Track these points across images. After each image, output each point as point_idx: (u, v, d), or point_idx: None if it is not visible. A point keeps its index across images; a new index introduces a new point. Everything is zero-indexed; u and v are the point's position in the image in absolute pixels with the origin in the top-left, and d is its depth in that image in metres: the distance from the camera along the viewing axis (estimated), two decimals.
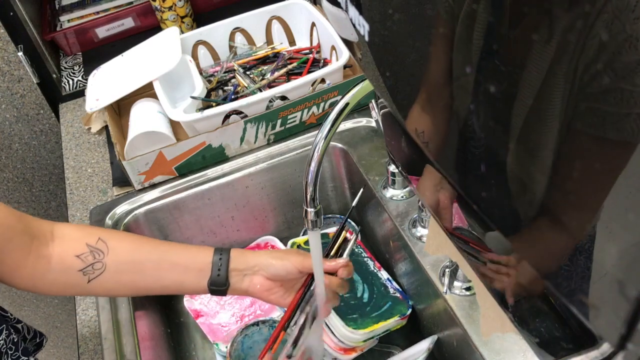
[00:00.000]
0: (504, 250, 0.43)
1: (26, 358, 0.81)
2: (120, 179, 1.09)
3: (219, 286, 0.75)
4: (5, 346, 0.77)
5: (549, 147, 0.30)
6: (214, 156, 1.07)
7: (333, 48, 1.12)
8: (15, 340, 0.81)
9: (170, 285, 0.76)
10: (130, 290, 0.78)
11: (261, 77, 1.15)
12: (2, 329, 0.78)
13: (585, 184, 0.29)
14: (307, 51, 1.20)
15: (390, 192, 0.96)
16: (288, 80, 1.13)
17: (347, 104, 0.69)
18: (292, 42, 1.25)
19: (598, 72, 0.26)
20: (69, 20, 1.43)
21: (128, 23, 1.42)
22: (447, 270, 0.82)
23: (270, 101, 1.04)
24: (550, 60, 0.28)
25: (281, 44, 1.25)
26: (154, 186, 1.06)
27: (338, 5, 0.47)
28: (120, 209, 1.04)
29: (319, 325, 0.80)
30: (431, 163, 0.45)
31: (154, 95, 1.09)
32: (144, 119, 1.09)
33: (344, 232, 0.84)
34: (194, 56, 1.21)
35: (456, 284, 0.81)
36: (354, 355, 0.91)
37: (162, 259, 0.75)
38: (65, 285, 0.72)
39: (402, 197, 0.95)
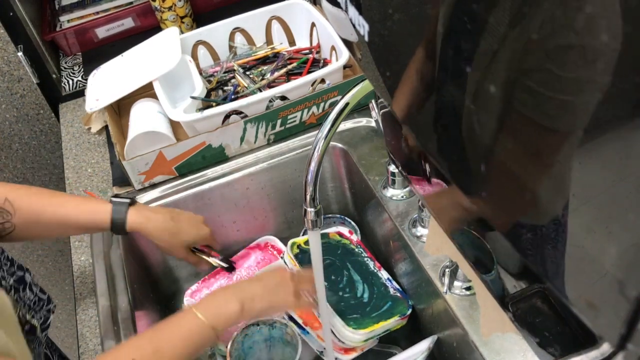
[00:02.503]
0: None
1: (22, 273, 0.83)
2: (120, 179, 1.09)
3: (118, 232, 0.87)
4: None
5: (492, 118, 0.32)
6: (214, 156, 1.07)
7: (333, 48, 1.12)
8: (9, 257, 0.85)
9: (75, 233, 0.92)
10: (40, 239, 0.93)
11: (261, 77, 1.15)
12: None
13: (517, 160, 0.31)
14: (307, 51, 1.20)
15: (390, 192, 0.96)
16: (288, 80, 1.13)
17: (347, 104, 0.69)
18: (292, 42, 1.25)
19: (533, 49, 0.27)
20: (68, 21, 1.43)
21: (128, 23, 1.42)
22: (447, 270, 0.82)
23: (270, 101, 1.04)
24: (499, 34, 0.29)
25: (281, 44, 1.25)
26: (154, 186, 1.06)
27: (338, 5, 0.47)
28: None
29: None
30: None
31: (154, 95, 1.09)
32: (144, 119, 1.09)
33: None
34: (194, 56, 1.21)
35: (456, 284, 0.81)
36: (354, 355, 0.91)
37: (66, 219, 0.82)
38: None
39: (402, 197, 0.95)
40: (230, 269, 1.05)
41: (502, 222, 0.37)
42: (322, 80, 1.08)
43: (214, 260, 1.00)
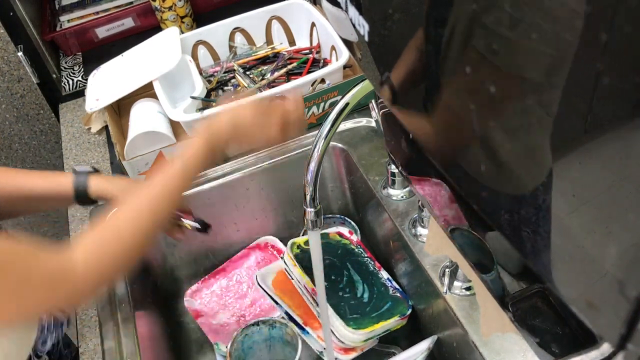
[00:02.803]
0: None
1: None
2: None
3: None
4: None
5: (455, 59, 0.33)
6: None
7: (333, 48, 1.12)
8: None
9: (45, 208, 0.91)
10: (11, 217, 0.90)
11: (261, 77, 1.15)
12: None
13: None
14: (307, 51, 1.20)
15: (390, 192, 0.96)
16: (288, 80, 1.13)
17: (347, 104, 0.69)
18: (292, 42, 1.25)
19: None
20: (69, 20, 1.43)
21: (128, 23, 1.42)
22: (447, 270, 0.82)
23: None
24: None
25: (281, 44, 1.25)
26: None
27: (338, 5, 0.47)
28: None
29: None
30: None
31: (154, 95, 1.09)
32: (144, 119, 1.09)
33: None
34: (194, 56, 1.21)
35: (456, 284, 0.81)
36: (354, 355, 0.91)
37: (32, 193, 0.82)
38: None
39: (402, 197, 0.95)
40: (204, 229, 0.99)
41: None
42: (322, 80, 1.08)
43: (187, 223, 0.95)
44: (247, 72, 1.17)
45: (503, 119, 0.32)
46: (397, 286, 0.97)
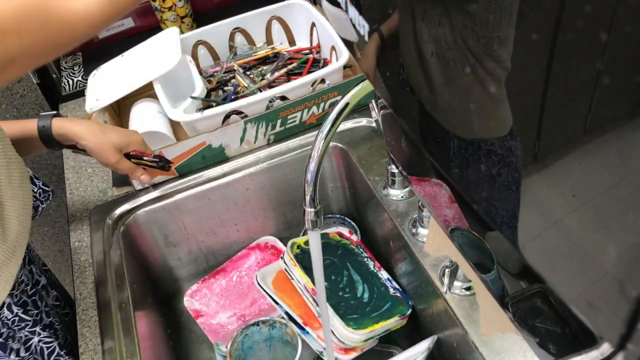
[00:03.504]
0: None
1: None
2: (120, 179, 1.09)
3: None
4: None
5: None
6: (214, 156, 1.07)
7: (333, 48, 1.12)
8: None
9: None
10: None
11: (261, 77, 1.15)
12: None
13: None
14: (307, 51, 1.20)
15: (390, 192, 0.96)
16: (288, 80, 1.13)
17: (347, 104, 0.69)
18: (292, 42, 1.25)
19: None
20: None
21: (128, 23, 1.42)
22: (447, 270, 0.82)
23: (270, 101, 1.04)
24: None
25: (281, 44, 1.25)
26: (154, 186, 1.06)
27: (338, 5, 0.47)
28: (120, 209, 1.04)
29: None
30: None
31: (154, 95, 1.09)
32: (144, 119, 1.09)
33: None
34: (194, 56, 1.21)
35: (456, 284, 0.81)
36: (354, 355, 0.91)
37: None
38: None
39: (402, 197, 0.95)
40: (165, 167, 0.99)
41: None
42: (322, 80, 1.08)
43: (149, 160, 0.96)
44: (247, 72, 1.17)
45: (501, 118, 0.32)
46: (397, 286, 0.97)
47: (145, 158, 0.95)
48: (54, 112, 0.89)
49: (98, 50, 1.42)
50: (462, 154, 0.38)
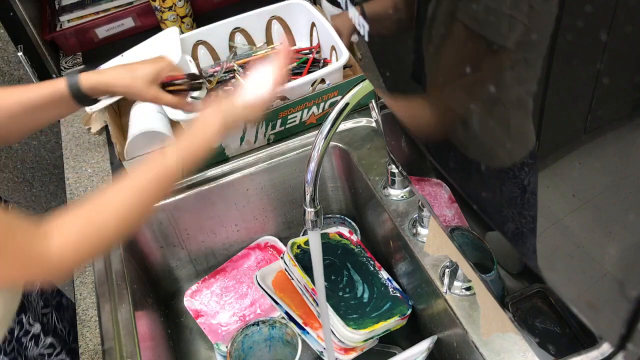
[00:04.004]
0: None
1: None
2: None
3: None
4: None
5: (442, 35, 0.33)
6: (214, 156, 1.07)
7: (333, 48, 1.12)
8: None
9: (46, 117, 0.89)
10: (19, 137, 0.93)
11: None
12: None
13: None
14: (307, 51, 1.20)
15: (390, 192, 0.96)
16: (288, 80, 1.13)
17: (347, 104, 0.69)
18: (292, 42, 1.25)
19: None
20: (69, 20, 1.43)
21: (128, 23, 1.42)
22: (447, 270, 0.82)
23: None
24: None
25: (281, 44, 1.25)
26: None
27: (338, 5, 0.47)
28: None
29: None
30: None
31: None
32: (144, 118, 1.09)
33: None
34: (194, 56, 1.21)
35: (456, 284, 0.81)
36: (354, 355, 0.91)
37: (30, 102, 0.82)
38: None
39: (402, 197, 0.95)
40: (195, 84, 0.94)
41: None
42: (322, 80, 1.08)
43: (182, 82, 0.91)
44: (248, 72, 1.17)
45: (501, 120, 0.32)
46: (397, 286, 0.97)
47: (177, 82, 0.90)
48: (81, 67, 0.86)
49: (98, 50, 1.42)
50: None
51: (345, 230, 1.06)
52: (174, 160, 0.72)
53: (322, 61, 1.16)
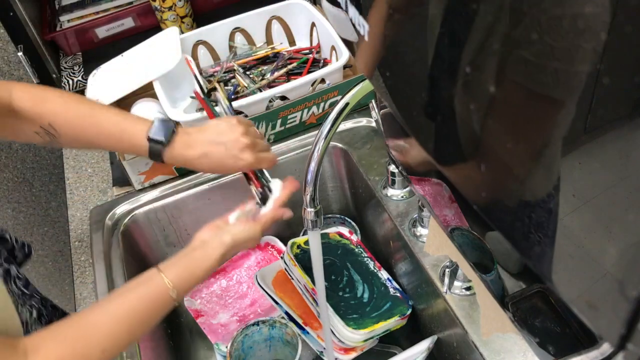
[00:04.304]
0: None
1: (7, 265, 0.85)
2: (120, 179, 1.09)
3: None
4: None
5: (485, 89, 0.32)
6: None
7: (333, 48, 1.12)
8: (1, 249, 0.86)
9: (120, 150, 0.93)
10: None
11: (261, 77, 1.15)
12: None
13: (512, 130, 0.31)
14: (307, 51, 1.20)
15: (390, 192, 0.96)
16: (288, 80, 1.13)
17: (347, 104, 0.69)
18: (292, 42, 1.25)
19: (528, 20, 0.27)
20: (69, 20, 1.43)
21: (128, 23, 1.42)
22: (447, 270, 0.82)
23: (270, 101, 1.04)
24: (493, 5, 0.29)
25: (281, 44, 1.25)
26: (154, 186, 1.06)
27: (338, 5, 0.47)
28: (120, 209, 1.04)
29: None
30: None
31: (154, 95, 1.09)
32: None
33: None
34: (194, 56, 1.21)
35: (456, 284, 0.81)
36: (354, 355, 0.91)
37: (110, 139, 0.82)
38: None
39: (402, 197, 0.95)
40: (263, 201, 0.88)
41: (491, 198, 0.37)
42: (322, 80, 1.08)
43: (254, 190, 0.88)
44: (247, 72, 1.17)
45: (501, 117, 0.32)
46: (397, 286, 0.97)
47: (252, 188, 0.89)
48: (163, 138, 0.78)
49: (98, 50, 1.42)
50: None
51: (345, 230, 1.06)
52: (170, 281, 0.69)
53: (322, 61, 1.16)
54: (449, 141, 0.39)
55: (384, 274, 0.98)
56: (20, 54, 1.30)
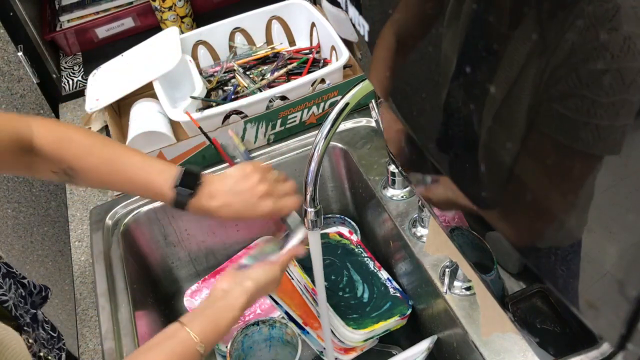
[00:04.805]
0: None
1: (34, 310, 0.84)
2: None
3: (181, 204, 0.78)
4: (15, 299, 0.80)
5: (514, 140, 0.31)
6: (214, 156, 1.07)
7: (333, 48, 1.12)
8: (23, 294, 0.84)
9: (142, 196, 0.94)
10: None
11: (261, 77, 1.15)
12: (10, 284, 0.82)
13: (544, 184, 0.30)
14: (307, 51, 1.20)
15: (390, 192, 0.96)
16: (288, 80, 1.13)
17: (347, 104, 0.69)
18: (292, 42, 1.25)
19: (564, 74, 0.26)
20: (69, 20, 1.43)
21: (128, 23, 1.42)
22: (447, 270, 0.82)
23: (270, 101, 1.04)
24: (524, 56, 0.28)
25: (281, 44, 1.25)
26: None
27: (338, 5, 0.47)
28: (120, 209, 1.04)
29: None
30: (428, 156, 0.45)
31: (154, 95, 1.09)
32: (144, 119, 1.09)
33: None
34: (194, 56, 1.21)
35: (456, 284, 0.81)
36: (354, 355, 0.91)
37: (134, 187, 0.81)
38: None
39: (402, 197, 0.95)
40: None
41: (521, 241, 0.36)
42: (322, 80, 1.08)
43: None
44: (247, 72, 1.17)
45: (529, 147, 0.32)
46: (397, 286, 0.97)
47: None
48: (189, 191, 0.77)
49: (98, 50, 1.42)
50: None
51: (345, 230, 1.06)
52: (196, 335, 0.66)
53: (322, 61, 1.16)
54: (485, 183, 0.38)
55: (384, 274, 0.98)
56: (20, 54, 1.30)
